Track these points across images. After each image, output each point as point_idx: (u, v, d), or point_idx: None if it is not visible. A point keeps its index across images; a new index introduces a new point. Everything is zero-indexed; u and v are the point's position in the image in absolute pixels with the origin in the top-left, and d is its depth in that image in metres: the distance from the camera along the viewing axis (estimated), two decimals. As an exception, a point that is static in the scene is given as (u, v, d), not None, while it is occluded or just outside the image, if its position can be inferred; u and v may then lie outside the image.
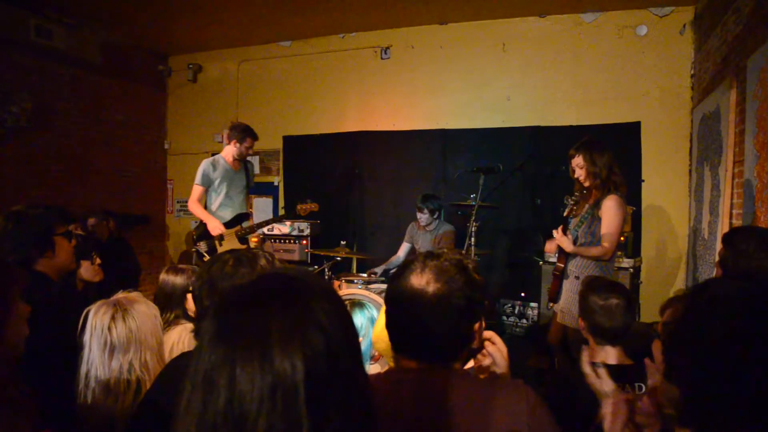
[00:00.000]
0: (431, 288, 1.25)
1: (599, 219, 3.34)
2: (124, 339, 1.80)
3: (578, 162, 3.37)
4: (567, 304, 3.40)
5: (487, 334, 1.42)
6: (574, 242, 3.40)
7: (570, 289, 3.39)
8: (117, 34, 6.55)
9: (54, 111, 5.98)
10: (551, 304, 3.65)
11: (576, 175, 3.42)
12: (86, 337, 1.82)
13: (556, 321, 3.58)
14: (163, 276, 2.45)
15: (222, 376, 0.71)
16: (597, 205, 3.36)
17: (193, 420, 0.72)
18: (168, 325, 2.31)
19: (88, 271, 2.56)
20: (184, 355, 1.74)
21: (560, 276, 3.52)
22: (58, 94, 6.02)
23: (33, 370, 1.83)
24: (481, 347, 1.41)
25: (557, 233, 3.37)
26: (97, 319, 1.83)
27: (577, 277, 3.35)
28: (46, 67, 5.86)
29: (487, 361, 1.41)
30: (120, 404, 1.75)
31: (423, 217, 5.08)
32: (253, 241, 4.88)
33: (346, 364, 0.78)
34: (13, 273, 1.57)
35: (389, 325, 1.33)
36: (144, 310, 1.88)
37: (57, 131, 6.02)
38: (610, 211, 3.28)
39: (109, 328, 1.81)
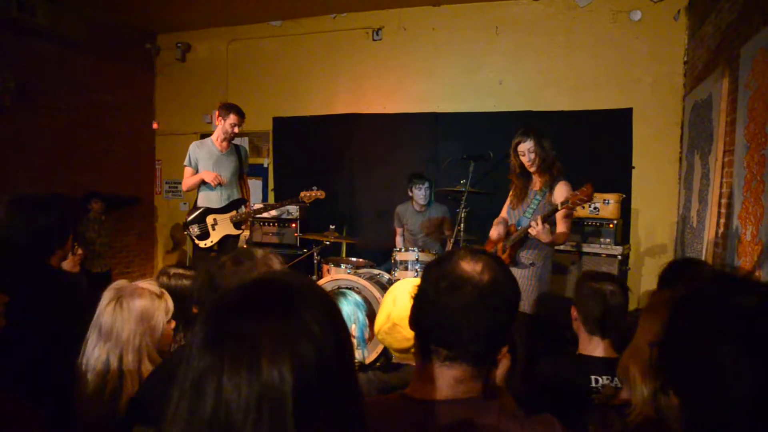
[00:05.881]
0: (486, 276, 1.11)
1: (552, 204, 3.45)
2: (108, 329, 1.74)
3: (529, 147, 3.46)
4: (523, 292, 3.44)
5: None
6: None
7: (526, 276, 3.49)
8: (103, 11, 6.40)
9: (39, 90, 5.85)
10: None
11: (525, 160, 3.50)
12: (97, 309, 1.78)
13: None
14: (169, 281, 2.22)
15: (209, 383, 0.70)
16: (547, 190, 3.48)
17: (179, 427, 0.71)
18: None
19: (68, 261, 2.51)
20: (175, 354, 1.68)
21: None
22: (42, 72, 5.89)
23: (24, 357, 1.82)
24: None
25: (537, 226, 3.25)
26: (104, 297, 1.79)
27: (533, 264, 3.48)
28: (30, 45, 5.72)
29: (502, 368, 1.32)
30: (99, 394, 1.69)
31: (421, 194, 5.08)
32: (243, 233, 4.81)
33: (337, 376, 0.76)
34: None
35: (426, 317, 1.15)
36: (142, 307, 1.77)
37: (42, 111, 5.90)
38: (565, 195, 3.39)
39: (103, 311, 1.76)
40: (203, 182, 4.56)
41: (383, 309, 1.77)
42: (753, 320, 0.92)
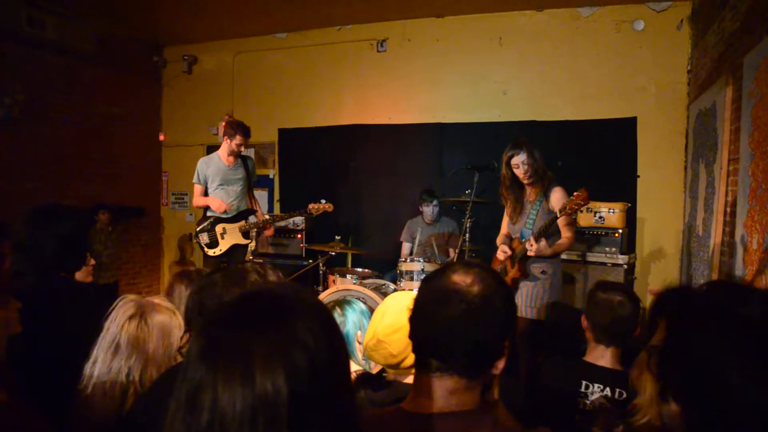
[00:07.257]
0: (476, 288, 1.11)
1: (550, 212, 3.46)
2: (129, 343, 1.73)
3: (522, 159, 3.48)
4: (531, 299, 3.48)
5: None
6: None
7: (537, 285, 3.50)
8: (111, 25, 6.48)
9: (47, 102, 5.92)
10: None
11: (519, 172, 3.51)
12: (106, 324, 1.77)
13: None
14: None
15: (204, 396, 0.70)
16: (543, 198, 3.50)
17: None
18: None
19: (81, 271, 2.51)
20: (172, 369, 1.67)
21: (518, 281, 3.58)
22: (51, 85, 5.96)
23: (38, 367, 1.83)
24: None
25: (532, 247, 3.31)
26: (119, 312, 1.78)
27: (544, 272, 3.50)
28: (39, 58, 5.79)
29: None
30: (115, 408, 1.67)
31: (429, 210, 5.19)
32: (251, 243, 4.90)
33: (332, 386, 0.76)
34: None
35: (419, 329, 1.16)
36: (163, 322, 1.78)
37: (50, 123, 5.97)
38: (563, 201, 3.40)
39: (122, 326, 1.75)
40: (210, 195, 4.71)
41: (371, 324, 1.73)
42: (754, 330, 0.92)
